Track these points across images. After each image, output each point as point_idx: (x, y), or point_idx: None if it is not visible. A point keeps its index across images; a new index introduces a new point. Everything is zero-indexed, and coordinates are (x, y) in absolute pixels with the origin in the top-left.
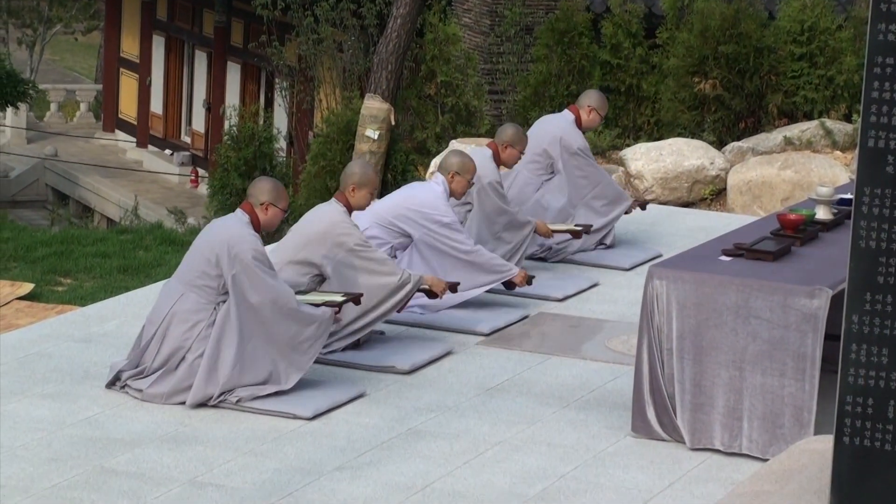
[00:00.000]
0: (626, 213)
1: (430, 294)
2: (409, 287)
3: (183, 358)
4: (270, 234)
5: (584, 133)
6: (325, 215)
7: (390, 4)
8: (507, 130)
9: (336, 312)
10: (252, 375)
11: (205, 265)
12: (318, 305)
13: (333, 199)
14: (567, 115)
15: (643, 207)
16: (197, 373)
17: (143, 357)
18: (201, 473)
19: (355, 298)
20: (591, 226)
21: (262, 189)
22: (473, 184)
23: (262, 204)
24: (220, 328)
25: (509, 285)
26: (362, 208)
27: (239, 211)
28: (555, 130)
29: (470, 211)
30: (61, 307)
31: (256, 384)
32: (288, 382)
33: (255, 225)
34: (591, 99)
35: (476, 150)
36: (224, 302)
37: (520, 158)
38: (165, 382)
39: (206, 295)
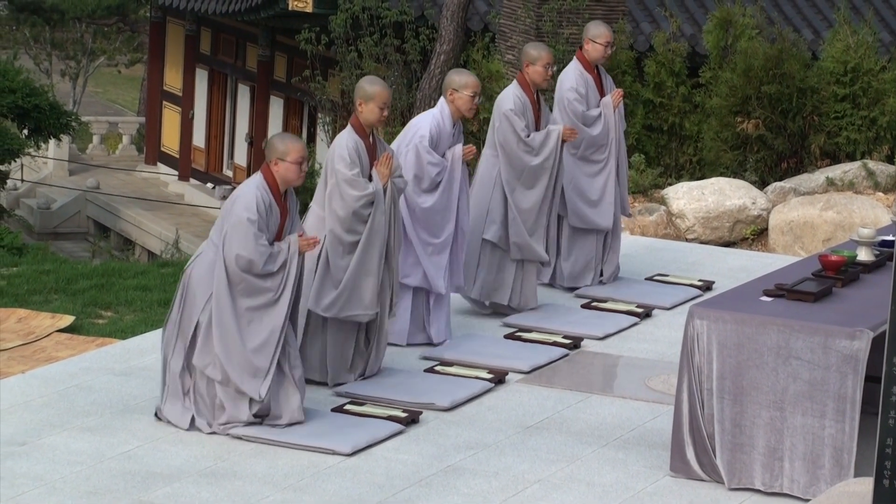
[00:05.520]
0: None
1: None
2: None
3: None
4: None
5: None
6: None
7: (434, 41)
8: (524, 50)
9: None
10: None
11: (218, 222)
12: (382, 418)
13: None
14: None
15: None
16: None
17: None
18: None
19: (415, 417)
20: (654, 308)
21: (270, 147)
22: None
23: (271, 161)
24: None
25: None
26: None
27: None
28: None
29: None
30: (102, 340)
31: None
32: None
33: (272, 185)
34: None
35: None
36: None
37: (547, 73)
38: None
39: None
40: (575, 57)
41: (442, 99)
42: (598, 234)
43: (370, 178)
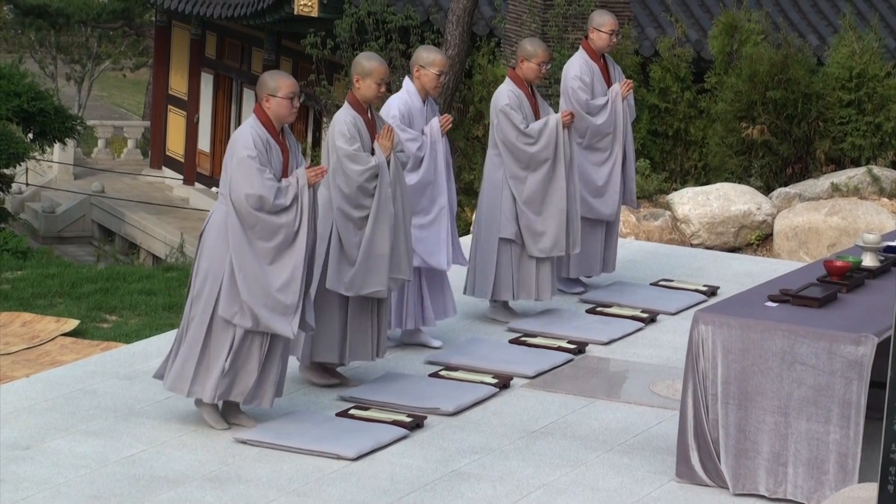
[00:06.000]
0: None
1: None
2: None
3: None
4: None
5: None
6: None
7: (439, 45)
8: (520, 45)
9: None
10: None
11: (223, 175)
12: (386, 422)
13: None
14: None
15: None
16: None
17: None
18: None
19: (420, 421)
20: (659, 314)
21: (261, 85)
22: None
23: (263, 99)
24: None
25: None
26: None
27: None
28: None
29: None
30: (106, 344)
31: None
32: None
33: (266, 122)
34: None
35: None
36: None
37: (540, 71)
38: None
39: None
40: (580, 46)
41: (408, 77)
42: (602, 224)
43: (372, 153)
